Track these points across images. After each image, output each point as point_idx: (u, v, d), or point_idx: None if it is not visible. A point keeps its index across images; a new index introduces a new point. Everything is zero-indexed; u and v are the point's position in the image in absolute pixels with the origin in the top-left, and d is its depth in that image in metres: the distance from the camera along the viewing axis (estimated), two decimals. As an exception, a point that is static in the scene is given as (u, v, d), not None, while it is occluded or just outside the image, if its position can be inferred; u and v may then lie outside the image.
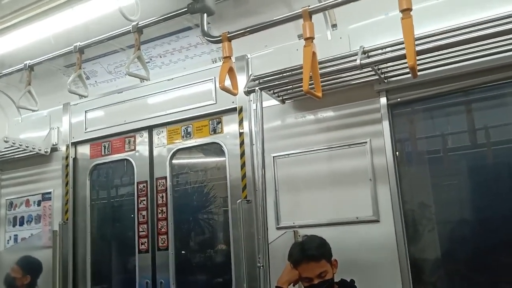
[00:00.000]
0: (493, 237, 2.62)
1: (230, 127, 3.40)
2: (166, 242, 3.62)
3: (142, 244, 3.72)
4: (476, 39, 2.22)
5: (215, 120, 3.48)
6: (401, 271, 2.62)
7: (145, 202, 3.75)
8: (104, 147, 4.03)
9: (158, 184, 3.72)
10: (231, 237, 3.36)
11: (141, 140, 3.84)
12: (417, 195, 2.76)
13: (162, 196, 3.70)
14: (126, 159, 3.92)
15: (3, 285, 3.75)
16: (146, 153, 3.81)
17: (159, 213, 3.69)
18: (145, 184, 3.77)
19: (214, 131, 3.50)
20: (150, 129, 3.79)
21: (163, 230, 3.65)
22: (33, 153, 4.18)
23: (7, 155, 4.32)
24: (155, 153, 3.78)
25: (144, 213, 3.75)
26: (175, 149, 3.68)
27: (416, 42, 2.14)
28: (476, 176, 2.75)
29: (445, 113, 2.79)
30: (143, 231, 3.73)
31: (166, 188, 3.68)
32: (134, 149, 3.87)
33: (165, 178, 3.70)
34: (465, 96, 2.70)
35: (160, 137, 3.73)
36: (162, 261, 3.61)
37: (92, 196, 4.10)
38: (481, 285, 2.61)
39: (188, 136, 3.62)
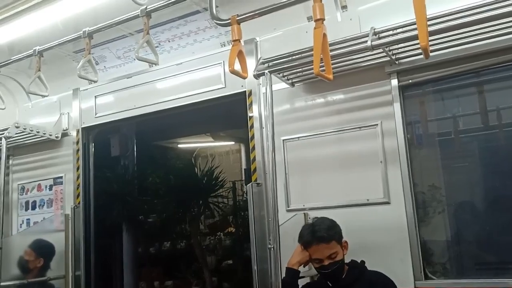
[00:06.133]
0: (503, 219, 2.62)
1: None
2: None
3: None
4: (489, 19, 2.19)
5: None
6: (411, 252, 2.62)
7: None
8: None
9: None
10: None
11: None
12: (428, 177, 2.75)
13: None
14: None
15: (17, 268, 3.82)
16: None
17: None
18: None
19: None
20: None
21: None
22: (44, 138, 4.20)
23: (18, 141, 4.35)
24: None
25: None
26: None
27: (429, 22, 2.11)
28: (487, 158, 2.74)
29: (457, 94, 2.76)
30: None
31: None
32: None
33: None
34: (477, 77, 2.67)
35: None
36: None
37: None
38: (491, 267, 2.62)
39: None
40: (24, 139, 4.32)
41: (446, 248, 2.74)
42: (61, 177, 4.21)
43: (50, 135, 4.20)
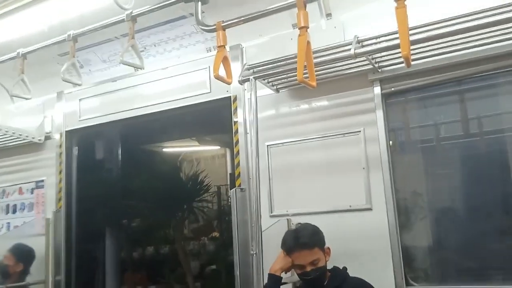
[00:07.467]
0: (484, 225, 2.66)
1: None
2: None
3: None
4: (470, 29, 2.23)
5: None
6: (393, 258, 2.65)
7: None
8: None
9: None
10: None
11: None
12: (409, 184, 2.78)
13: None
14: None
15: (-4, 273, 3.76)
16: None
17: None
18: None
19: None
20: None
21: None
22: (26, 141, 4.16)
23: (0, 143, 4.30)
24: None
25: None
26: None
27: (411, 32, 2.15)
28: (468, 165, 2.78)
29: (439, 102, 2.81)
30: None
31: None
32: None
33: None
34: (459, 85, 2.71)
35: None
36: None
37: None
38: (472, 273, 2.65)
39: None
40: (6, 142, 4.26)
41: (428, 254, 2.76)
42: (42, 181, 4.17)
43: (33, 138, 4.15)
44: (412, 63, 2.24)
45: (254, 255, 2.53)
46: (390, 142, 2.79)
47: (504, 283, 2.52)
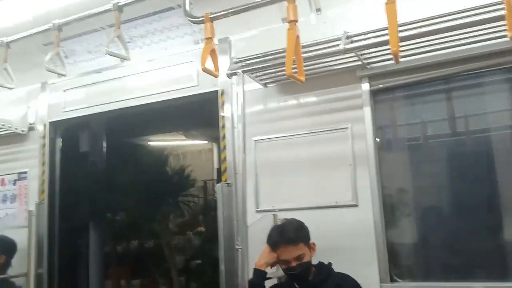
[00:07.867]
0: (468, 223, 2.67)
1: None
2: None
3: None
4: (459, 27, 2.23)
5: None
6: (378, 255, 2.65)
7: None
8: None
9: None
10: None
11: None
12: (396, 181, 2.79)
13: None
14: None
15: (-23, 265, 3.70)
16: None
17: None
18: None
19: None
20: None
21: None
22: (9, 132, 4.08)
23: (-18, 134, 4.21)
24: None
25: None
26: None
27: (400, 28, 2.15)
28: (454, 163, 2.79)
29: (427, 100, 2.81)
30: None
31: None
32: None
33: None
34: (447, 83, 2.72)
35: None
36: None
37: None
38: (456, 270, 2.67)
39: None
40: (-11, 133, 4.19)
41: (413, 251, 2.78)
42: (25, 172, 4.10)
43: (16, 129, 4.08)
44: (401, 60, 2.25)
45: (240, 250, 2.53)
46: (377, 139, 2.79)
47: (488, 279, 2.54)
